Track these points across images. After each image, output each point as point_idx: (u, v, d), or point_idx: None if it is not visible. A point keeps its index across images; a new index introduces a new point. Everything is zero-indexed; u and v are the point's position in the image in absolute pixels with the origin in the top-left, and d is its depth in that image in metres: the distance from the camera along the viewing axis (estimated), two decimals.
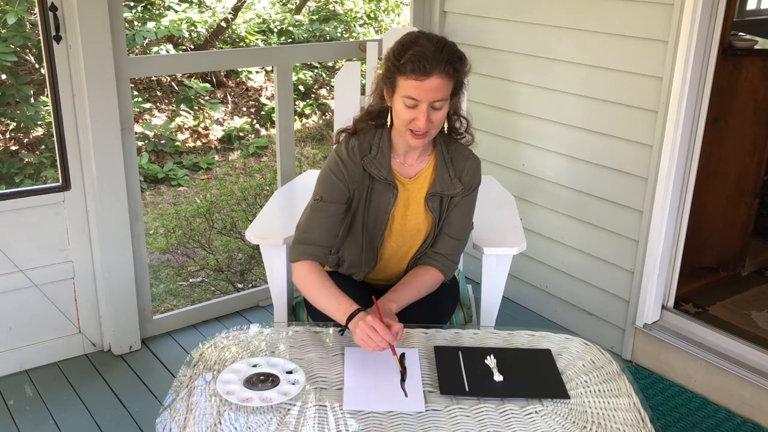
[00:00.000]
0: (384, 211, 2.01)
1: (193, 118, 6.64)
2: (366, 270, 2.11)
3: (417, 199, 2.04)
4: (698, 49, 2.59)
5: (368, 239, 2.06)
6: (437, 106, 1.86)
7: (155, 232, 4.98)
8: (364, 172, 1.98)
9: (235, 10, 7.10)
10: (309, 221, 1.98)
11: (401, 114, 1.88)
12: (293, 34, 7.27)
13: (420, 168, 2.04)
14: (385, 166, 1.98)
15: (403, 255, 2.11)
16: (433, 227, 2.06)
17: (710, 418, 2.65)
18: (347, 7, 7.91)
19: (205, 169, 6.21)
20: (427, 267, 2.06)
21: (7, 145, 5.47)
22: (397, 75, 1.86)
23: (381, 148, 1.99)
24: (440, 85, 1.83)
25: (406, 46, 1.85)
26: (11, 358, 2.81)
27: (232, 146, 6.63)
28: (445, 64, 1.83)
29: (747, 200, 3.36)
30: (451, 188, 2.02)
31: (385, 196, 2.00)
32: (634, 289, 2.92)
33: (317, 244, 1.95)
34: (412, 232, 2.06)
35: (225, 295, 3.56)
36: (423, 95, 1.83)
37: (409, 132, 1.90)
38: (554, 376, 1.72)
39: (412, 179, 2.04)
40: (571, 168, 3.06)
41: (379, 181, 1.99)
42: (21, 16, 4.73)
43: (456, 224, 2.07)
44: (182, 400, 1.60)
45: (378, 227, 2.03)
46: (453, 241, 2.07)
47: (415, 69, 1.81)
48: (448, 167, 2.02)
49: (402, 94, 1.86)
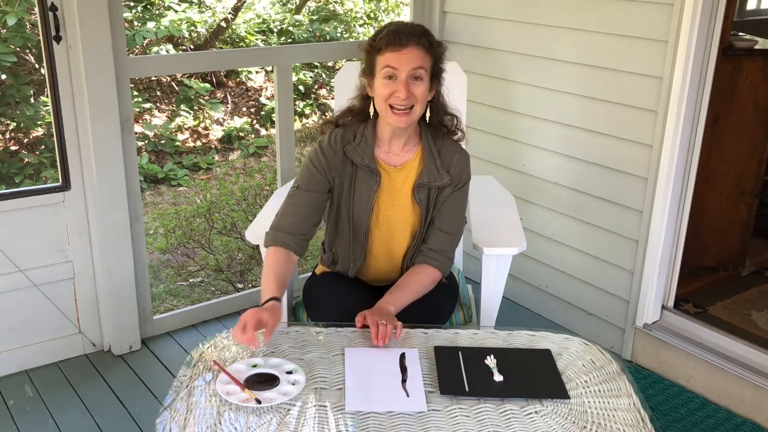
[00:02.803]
0: (367, 198, 2.03)
1: (193, 118, 6.64)
2: (357, 264, 2.11)
3: (403, 190, 2.05)
4: (698, 49, 2.59)
5: (355, 229, 2.07)
6: (416, 75, 1.91)
7: (155, 232, 4.98)
8: (346, 160, 2.02)
9: (235, 10, 7.10)
10: (284, 208, 2.06)
11: (381, 90, 1.94)
12: (293, 34, 7.27)
13: (406, 159, 2.06)
14: (368, 153, 2.01)
15: (394, 250, 2.11)
16: (421, 221, 2.06)
17: (710, 418, 2.65)
18: (347, 7, 7.91)
19: (205, 169, 6.21)
20: (423, 266, 2.07)
21: (7, 145, 5.47)
22: (375, 55, 1.95)
23: (365, 136, 2.03)
24: (417, 55, 1.91)
25: (381, 29, 1.97)
26: (11, 358, 2.81)
27: (232, 146, 6.63)
28: (419, 36, 1.92)
29: (747, 200, 3.36)
30: (438, 179, 2.03)
31: (368, 184, 2.03)
32: (634, 289, 2.92)
33: (286, 232, 2.01)
34: (398, 223, 2.07)
35: (225, 295, 3.56)
36: (401, 64, 1.90)
37: (390, 110, 1.93)
38: (554, 376, 1.72)
39: (398, 168, 2.05)
40: (571, 168, 3.06)
41: (362, 168, 2.02)
42: (21, 17, 4.73)
43: (448, 219, 2.07)
44: (182, 400, 1.60)
45: (363, 216, 2.04)
46: (446, 236, 2.07)
47: (390, 42, 1.91)
48: (435, 159, 2.04)
49: (381, 67, 1.93)
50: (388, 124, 1.98)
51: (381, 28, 1.97)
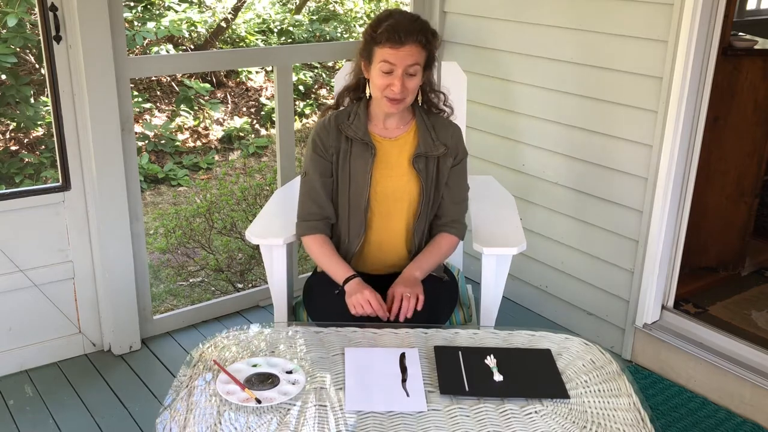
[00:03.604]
0: (363, 170, 2.10)
1: (193, 118, 6.64)
2: (357, 241, 2.14)
3: (400, 162, 2.12)
4: (698, 49, 2.59)
5: (353, 203, 2.12)
6: (411, 71, 2.02)
7: (155, 232, 4.98)
8: (340, 136, 2.11)
9: (235, 10, 7.10)
10: (302, 198, 2.17)
11: (377, 81, 2.03)
12: (293, 34, 7.27)
13: (400, 132, 2.15)
14: (362, 128, 2.11)
15: (393, 224, 2.14)
16: (422, 190, 2.12)
17: (710, 418, 2.65)
18: (347, 7, 7.91)
19: (205, 169, 6.21)
20: (442, 234, 2.19)
21: (7, 145, 5.48)
22: (374, 46, 2.03)
23: (358, 114, 2.12)
24: (414, 52, 2.00)
25: (382, 20, 2.03)
26: (11, 358, 2.81)
27: (232, 146, 6.63)
28: (417, 33, 2.00)
29: (747, 200, 3.36)
30: (434, 149, 2.12)
31: (363, 157, 2.10)
32: (633, 289, 2.92)
33: (314, 219, 2.13)
34: (396, 194, 2.12)
35: (225, 295, 3.56)
36: (398, 61, 1.99)
37: (385, 99, 2.04)
38: (554, 376, 1.72)
39: (392, 140, 2.13)
40: (571, 168, 3.06)
41: (357, 143, 2.10)
42: (21, 17, 4.73)
43: (455, 189, 2.20)
44: (182, 400, 1.60)
45: (361, 188, 2.10)
46: (456, 206, 2.20)
47: (390, 38, 1.98)
48: (430, 131, 2.14)
49: (378, 61, 2.02)
50: (382, 108, 2.09)
51: (382, 17, 2.04)
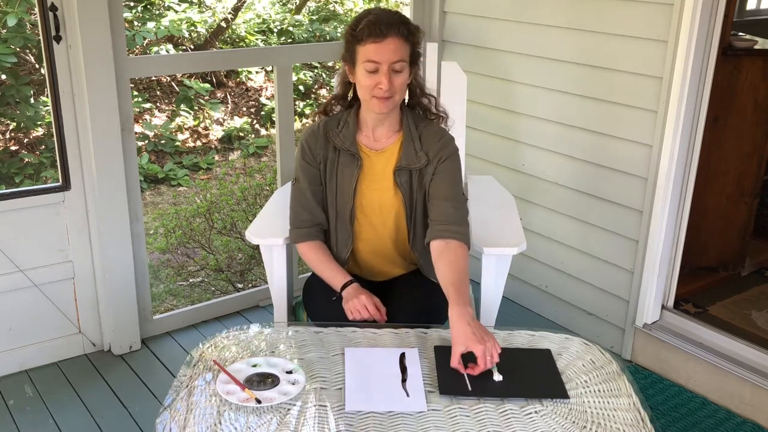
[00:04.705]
0: (349, 182, 2.08)
1: (193, 118, 6.64)
2: (345, 250, 2.12)
3: (385, 174, 2.09)
4: (698, 49, 2.59)
5: (340, 214, 2.11)
6: (397, 68, 1.95)
7: (155, 232, 4.98)
8: (328, 145, 2.08)
9: (235, 10, 7.10)
10: (293, 204, 2.14)
11: (364, 81, 1.97)
12: (293, 34, 7.27)
13: (388, 144, 2.10)
14: (349, 138, 2.07)
15: (382, 236, 2.12)
16: (405, 205, 2.08)
17: (710, 418, 2.65)
18: (347, 7, 7.91)
19: (205, 169, 6.21)
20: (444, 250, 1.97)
21: (7, 145, 5.48)
22: (356, 45, 1.96)
23: (348, 123, 2.09)
24: (397, 46, 1.93)
25: (361, 18, 1.97)
26: (11, 358, 2.81)
27: (232, 146, 6.63)
28: (399, 25, 1.94)
29: (747, 200, 3.36)
30: (416, 161, 2.05)
31: (349, 168, 2.08)
32: (633, 289, 2.92)
33: (307, 226, 2.11)
34: (383, 207, 2.10)
35: (225, 295, 3.56)
36: (382, 56, 1.92)
37: (374, 99, 1.98)
38: (554, 376, 1.72)
39: (378, 152, 2.09)
40: (571, 168, 3.06)
41: (344, 153, 2.08)
42: (21, 17, 4.73)
43: (443, 186, 2.04)
44: (182, 400, 1.60)
45: (347, 199, 2.09)
46: (446, 203, 2.02)
47: (371, 33, 1.92)
48: (414, 141, 2.07)
49: (362, 60, 1.95)
50: (371, 110, 2.03)
51: (360, 16, 1.99)
